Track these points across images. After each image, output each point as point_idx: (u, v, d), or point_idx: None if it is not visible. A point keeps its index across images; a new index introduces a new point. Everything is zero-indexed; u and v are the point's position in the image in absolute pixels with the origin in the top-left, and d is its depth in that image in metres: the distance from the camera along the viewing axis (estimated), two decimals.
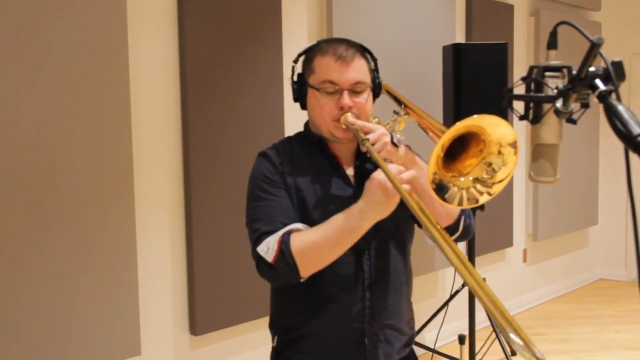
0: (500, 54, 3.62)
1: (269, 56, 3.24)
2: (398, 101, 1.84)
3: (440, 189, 1.37)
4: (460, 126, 1.30)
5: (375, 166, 1.73)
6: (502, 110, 2.88)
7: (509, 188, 4.92)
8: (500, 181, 1.36)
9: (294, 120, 3.18)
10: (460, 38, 4.52)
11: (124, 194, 2.69)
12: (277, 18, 3.31)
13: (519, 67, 4.93)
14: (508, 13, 4.88)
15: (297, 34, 3.48)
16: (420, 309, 4.17)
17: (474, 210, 3.70)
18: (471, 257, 3.78)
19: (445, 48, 3.71)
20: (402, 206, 1.70)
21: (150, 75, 2.89)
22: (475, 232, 3.85)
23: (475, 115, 1.30)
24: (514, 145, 1.33)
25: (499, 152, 1.35)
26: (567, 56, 1.16)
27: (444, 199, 1.37)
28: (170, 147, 2.98)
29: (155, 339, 2.96)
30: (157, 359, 2.97)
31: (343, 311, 1.65)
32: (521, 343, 1.02)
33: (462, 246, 4.22)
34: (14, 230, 2.39)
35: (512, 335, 1.03)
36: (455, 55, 3.57)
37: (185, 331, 3.07)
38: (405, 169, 1.48)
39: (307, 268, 1.56)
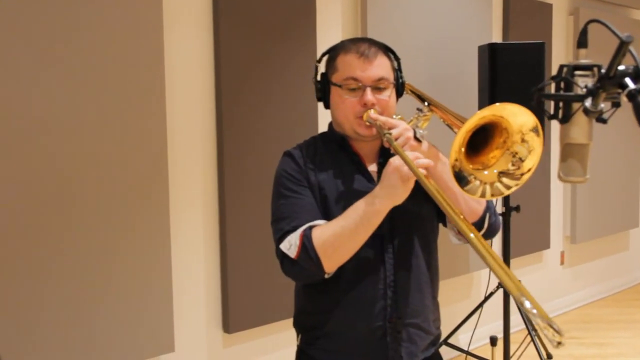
0: (537, 54, 3.57)
1: (303, 55, 3.25)
2: (422, 99, 1.83)
3: (460, 179, 1.36)
4: (484, 114, 1.30)
5: None
6: (539, 112, 2.84)
7: (546, 189, 4.86)
8: (529, 170, 1.36)
9: (327, 119, 3.17)
10: (497, 37, 4.47)
11: (158, 192, 2.73)
12: (311, 17, 3.32)
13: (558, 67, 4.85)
14: (546, 12, 4.81)
15: (331, 33, 3.48)
16: (455, 311, 4.14)
17: (509, 211, 3.68)
18: (507, 258, 3.74)
19: (481, 48, 3.67)
20: (425, 204, 1.70)
21: (185, 74, 2.93)
22: (512, 233, 3.84)
23: (497, 104, 1.30)
24: (535, 130, 1.33)
25: (523, 140, 1.35)
26: (602, 54, 1.14)
27: (463, 189, 1.37)
28: (204, 146, 3.01)
29: (189, 336, 3.00)
30: (190, 356, 3.01)
31: (365, 309, 1.65)
32: (535, 311, 1.01)
33: (497, 248, 4.17)
34: (53, 228, 2.44)
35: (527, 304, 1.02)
36: (491, 55, 3.53)
37: (218, 329, 3.10)
38: (421, 155, 1.48)
39: (330, 260, 1.56)
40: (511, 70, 3.51)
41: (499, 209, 3.73)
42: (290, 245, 1.58)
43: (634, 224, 5.87)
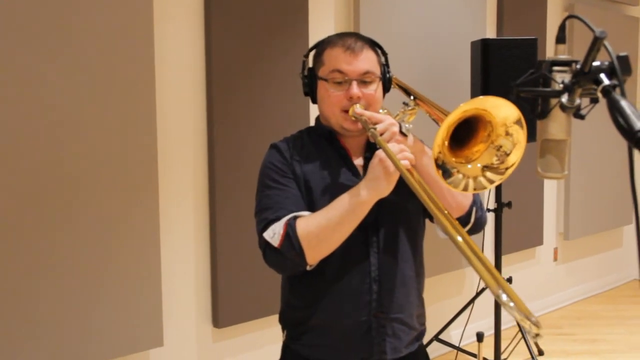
0: (530, 49, 3.56)
1: (296, 52, 3.23)
2: (408, 93, 1.83)
3: (443, 172, 1.37)
4: (466, 108, 1.30)
5: None
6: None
7: (539, 185, 4.85)
8: (513, 164, 1.36)
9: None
10: (491, 33, 4.46)
11: (148, 187, 2.72)
12: (304, 14, 3.31)
13: None
14: (541, 8, 4.80)
15: (324, 30, 3.47)
16: (446, 307, 4.14)
17: (501, 207, 3.67)
18: (498, 254, 3.74)
19: (473, 43, 3.67)
20: (412, 199, 1.70)
21: (176, 72, 2.92)
22: (505, 229, 3.83)
23: (479, 97, 1.30)
24: (519, 122, 1.33)
25: (507, 133, 1.34)
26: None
27: (446, 182, 1.37)
28: (195, 140, 3.00)
29: (178, 331, 3.00)
30: (179, 350, 3.01)
31: (349, 303, 1.65)
32: (512, 304, 1.03)
33: (489, 244, 4.17)
34: (43, 223, 2.43)
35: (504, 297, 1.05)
36: (484, 51, 3.52)
37: (207, 323, 3.10)
38: (407, 148, 1.51)
39: (313, 251, 1.56)
40: (504, 66, 3.51)
41: (491, 204, 3.73)
42: (274, 233, 1.58)
43: (628, 220, 5.85)
